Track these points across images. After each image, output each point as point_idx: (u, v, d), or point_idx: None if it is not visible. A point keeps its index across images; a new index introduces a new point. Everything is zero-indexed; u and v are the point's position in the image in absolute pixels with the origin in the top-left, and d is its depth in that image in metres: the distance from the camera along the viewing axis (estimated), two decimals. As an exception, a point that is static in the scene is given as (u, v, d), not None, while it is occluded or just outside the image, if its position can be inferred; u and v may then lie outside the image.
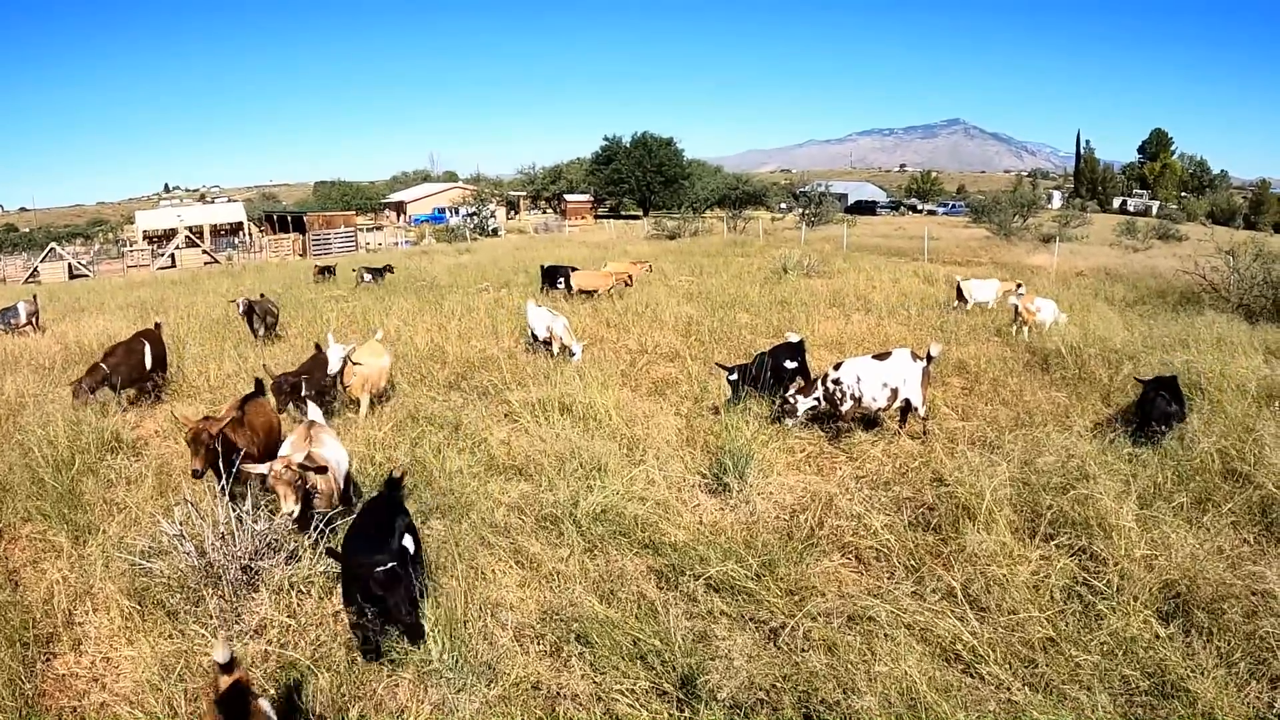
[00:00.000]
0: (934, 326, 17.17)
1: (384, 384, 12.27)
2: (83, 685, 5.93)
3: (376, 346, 12.38)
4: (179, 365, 14.39)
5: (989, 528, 7.30)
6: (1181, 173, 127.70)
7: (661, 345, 15.62)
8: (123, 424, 11.02)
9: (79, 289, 34.36)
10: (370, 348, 12.29)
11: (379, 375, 11.99)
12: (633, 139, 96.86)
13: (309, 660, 5.90)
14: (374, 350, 12.23)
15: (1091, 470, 8.06)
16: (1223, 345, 13.92)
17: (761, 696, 5.44)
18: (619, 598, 6.60)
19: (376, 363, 11.95)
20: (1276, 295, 18.17)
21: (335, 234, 58.33)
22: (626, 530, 7.71)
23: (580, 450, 9.34)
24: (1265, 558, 6.87)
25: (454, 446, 9.94)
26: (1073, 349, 13.93)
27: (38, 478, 8.95)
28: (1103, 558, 6.91)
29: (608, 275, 22.75)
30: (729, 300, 20.78)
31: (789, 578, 6.89)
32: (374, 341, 12.59)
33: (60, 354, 15.92)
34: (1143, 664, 5.60)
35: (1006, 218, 47.04)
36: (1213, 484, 8.27)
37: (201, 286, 29.89)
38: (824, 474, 9.52)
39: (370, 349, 12.25)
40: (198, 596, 6.60)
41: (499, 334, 16.75)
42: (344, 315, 19.84)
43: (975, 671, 5.62)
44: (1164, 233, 53.42)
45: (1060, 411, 11.18)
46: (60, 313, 23.30)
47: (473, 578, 6.94)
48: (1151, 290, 22.60)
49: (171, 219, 67.20)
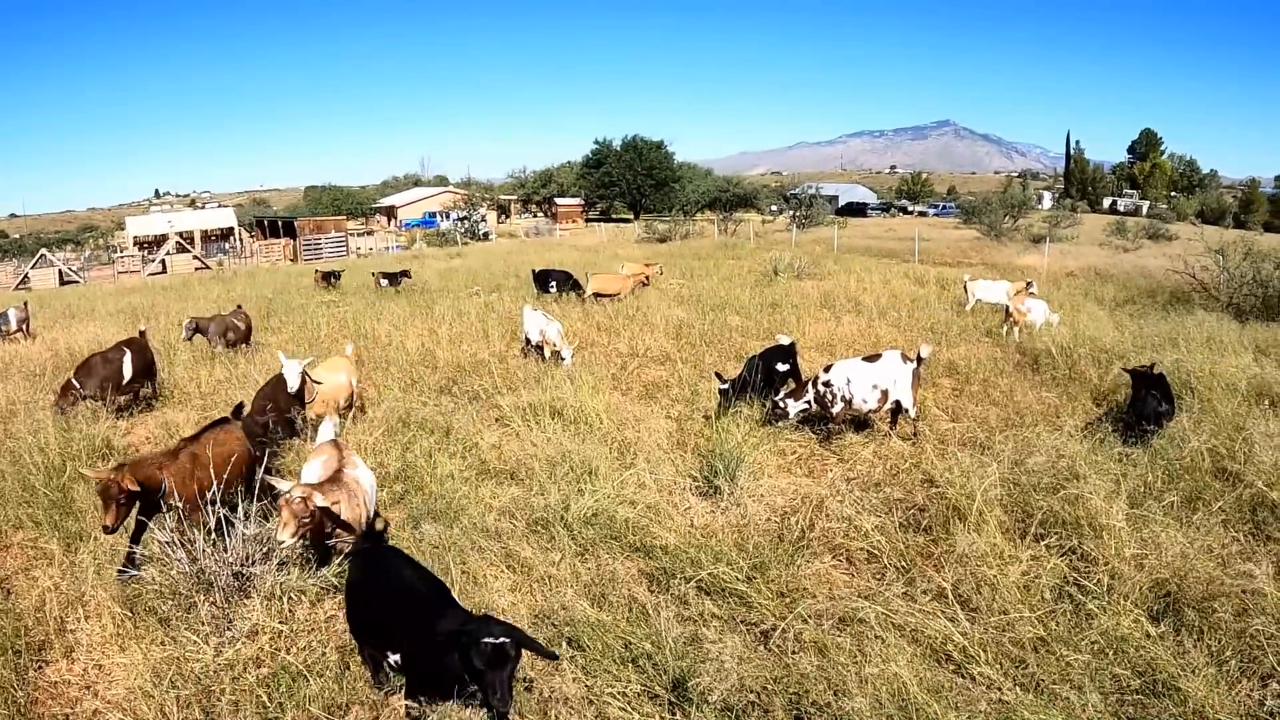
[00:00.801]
0: (924, 328, 17.20)
1: (345, 401, 11.42)
2: (75, 693, 5.91)
3: (338, 362, 11.78)
4: (170, 372, 14.36)
5: (979, 528, 7.32)
6: (1171, 172, 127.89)
7: (652, 348, 15.63)
8: (114, 431, 10.99)
9: (70, 295, 34.34)
10: (331, 363, 11.74)
11: (337, 392, 11.24)
12: (623, 142, 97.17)
13: (302, 665, 5.89)
14: (334, 366, 11.61)
15: (1082, 470, 8.08)
16: (1212, 344, 13.96)
17: (752, 699, 5.45)
18: (610, 601, 6.61)
19: (334, 379, 11.27)
20: (1266, 294, 18.25)
21: (326, 239, 58.34)
22: (617, 533, 7.72)
23: (571, 454, 9.34)
24: (1255, 556, 6.87)
25: (445, 451, 9.95)
26: (1063, 349, 13.96)
27: (29, 485, 8.92)
28: (1093, 557, 6.92)
29: (626, 278, 22.56)
30: (720, 303, 20.79)
31: (780, 580, 6.90)
32: (337, 357, 12.10)
33: (51, 361, 15.89)
34: (1133, 663, 5.61)
35: (997, 219, 47.13)
36: (1203, 483, 8.30)
37: (193, 292, 29.84)
38: (815, 476, 9.53)
39: (331, 365, 11.66)
40: (189, 603, 6.58)
41: (490, 338, 16.75)
42: (335, 320, 19.80)
43: (966, 672, 5.63)
44: (1154, 232, 53.57)
45: (1050, 411, 11.22)
46: (51, 319, 23.26)
47: (465, 582, 6.94)
48: (1141, 290, 22.67)
49: (162, 225, 66.91)
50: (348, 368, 11.70)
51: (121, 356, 12.48)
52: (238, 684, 5.77)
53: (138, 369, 12.71)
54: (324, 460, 7.47)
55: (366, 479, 7.29)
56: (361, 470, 7.34)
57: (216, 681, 5.81)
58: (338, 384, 11.26)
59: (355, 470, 7.27)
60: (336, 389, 11.22)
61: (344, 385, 11.38)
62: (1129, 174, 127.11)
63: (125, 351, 12.59)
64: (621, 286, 21.88)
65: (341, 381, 11.34)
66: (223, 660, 6.02)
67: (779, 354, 11.97)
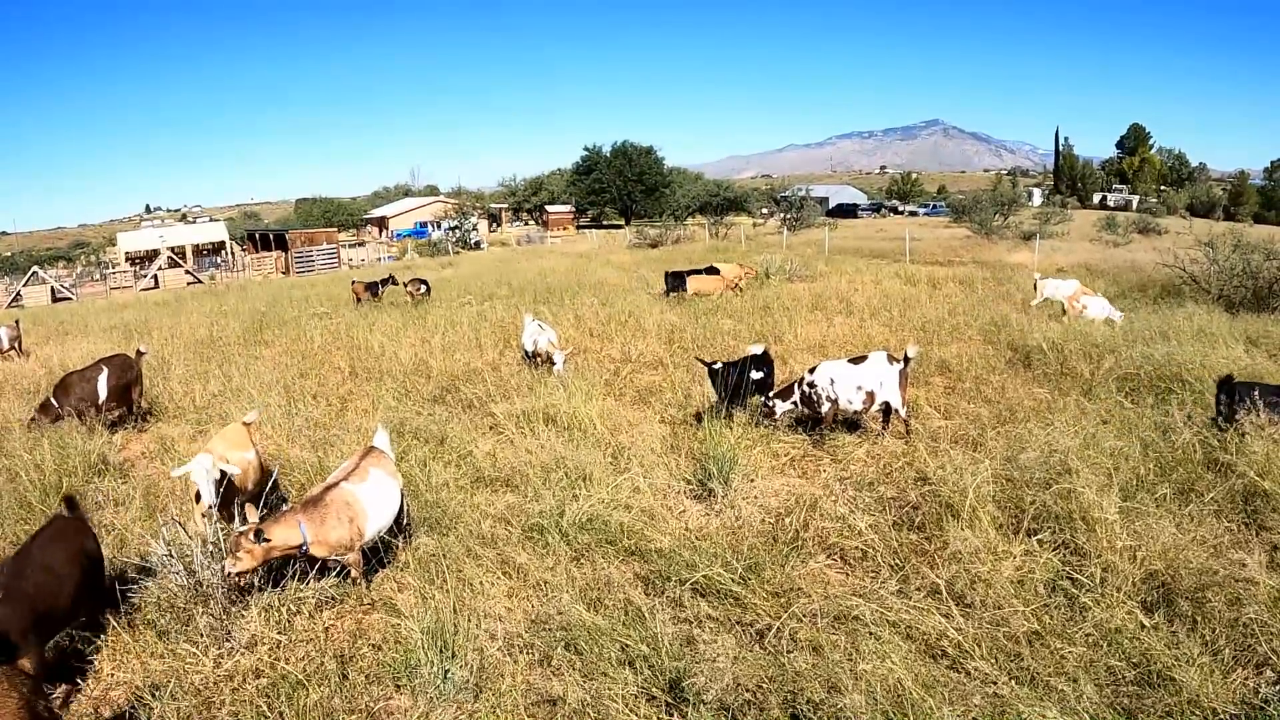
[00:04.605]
0: (916, 327, 17.23)
1: (254, 484, 8.47)
2: (74, 707, 5.92)
3: (236, 434, 8.75)
4: (164, 386, 14.36)
5: (973, 525, 7.36)
6: (1160, 166, 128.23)
7: (645, 353, 15.67)
8: (109, 446, 11.00)
9: (63, 312, 34.27)
10: (231, 436, 8.70)
11: (242, 474, 8.24)
12: (613, 148, 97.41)
13: (301, 675, 5.91)
14: (236, 439, 8.61)
15: (1074, 464, 8.11)
16: (1203, 336, 14.01)
17: (748, 698, 5.47)
18: (606, 605, 6.63)
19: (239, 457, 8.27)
20: (1256, 285, 18.28)
21: (318, 251, 58.24)
22: (612, 538, 7.74)
23: (565, 460, 9.39)
24: (1248, 546, 6.91)
25: (440, 460, 9.97)
26: (1054, 345, 14.00)
27: (25, 502, 8.94)
28: (1086, 551, 6.96)
29: (721, 279, 23.57)
30: (712, 306, 20.81)
31: (774, 580, 6.93)
32: (236, 426, 9.02)
33: (45, 378, 15.84)
34: (1128, 654, 5.64)
35: (987, 216, 47.22)
36: (1195, 474, 8.35)
37: (185, 307, 29.75)
38: (808, 476, 9.56)
39: (230, 437, 8.64)
40: (187, 615, 6.59)
41: (483, 347, 16.75)
42: (328, 332, 19.79)
43: (961, 667, 5.66)
44: (1144, 226, 53.77)
45: (1042, 407, 11.24)
46: (44, 336, 23.24)
47: (461, 589, 6.96)
48: (1132, 284, 22.75)
49: (154, 240, 66.77)
50: (250, 439, 8.85)
51: (98, 375, 12.20)
52: (237, 695, 5.79)
53: (113, 389, 12.28)
54: (344, 465, 7.55)
55: (371, 496, 7.23)
56: (367, 486, 7.28)
57: (216, 693, 5.84)
58: (243, 463, 8.32)
59: (360, 484, 7.24)
60: (243, 468, 8.29)
61: (250, 463, 8.49)
62: (1118, 169, 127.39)
63: (103, 370, 12.32)
64: (716, 287, 22.95)
65: (248, 459, 8.48)
66: (222, 671, 6.05)
67: (754, 362, 11.69)
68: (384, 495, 7.38)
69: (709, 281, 22.93)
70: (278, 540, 6.59)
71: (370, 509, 7.17)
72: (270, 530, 6.55)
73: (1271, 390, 9.29)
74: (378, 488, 7.35)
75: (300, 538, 6.69)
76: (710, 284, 22.76)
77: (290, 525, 6.70)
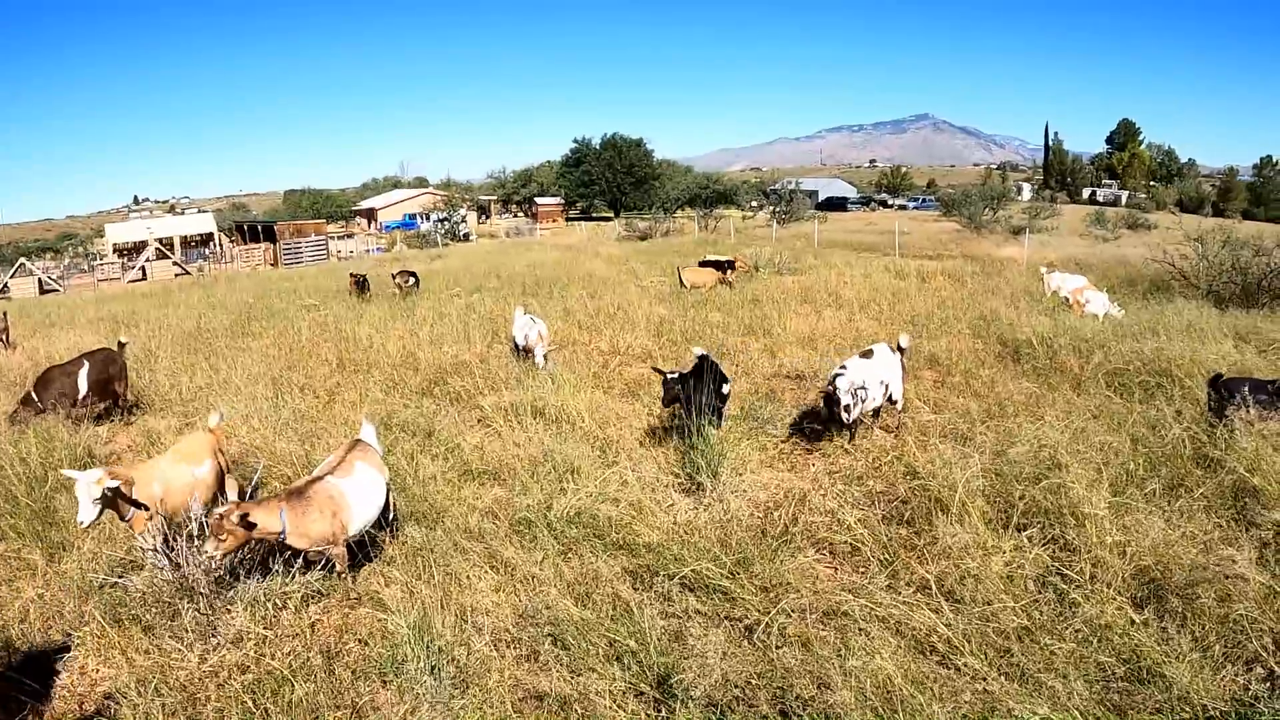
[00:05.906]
0: (905, 320, 17.20)
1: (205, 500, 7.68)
2: (59, 703, 5.89)
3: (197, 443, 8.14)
4: (150, 379, 14.27)
5: (962, 520, 7.34)
6: (1150, 162, 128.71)
7: (634, 346, 15.64)
8: (95, 439, 10.94)
9: (50, 304, 34.04)
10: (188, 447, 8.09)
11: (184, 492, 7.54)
12: (602, 141, 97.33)
13: (286, 670, 5.87)
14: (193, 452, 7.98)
15: (1063, 459, 8.11)
16: (1192, 332, 14.00)
17: (737, 693, 5.46)
18: (594, 599, 6.60)
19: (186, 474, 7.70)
20: (1245, 281, 18.30)
21: (307, 242, 58.02)
22: (600, 532, 7.71)
23: (553, 453, 9.36)
24: (1237, 541, 6.89)
25: (427, 453, 9.91)
26: (1043, 339, 14.00)
27: (10, 495, 8.85)
28: (1076, 546, 6.94)
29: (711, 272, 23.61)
30: (701, 299, 20.78)
31: (763, 575, 6.90)
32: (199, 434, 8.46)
33: (32, 370, 15.74)
34: (1118, 650, 5.64)
35: (977, 211, 47.34)
36: (1184, 469, 8.33)
37: (173, 299, 29.61)
38: (797, 470, 9.54)
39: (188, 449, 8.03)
40: (173, 610, 6.54)
41: (471, 339, 16.68)
42: (316, 324, 19.68)
43: (950, 663, 5.65)
44: (1133, 222, 53.98)
45: (1032, 402, 11.24)
46: (31, 328, 23.04)
47: (448, 584, 6.93)
48: (1121, 279, 22.71)
49: (141, 231, 66.40)
50: (211, 449, 8.12)
51: (79, 370, 12.08)
52: (223, 690, 5.76)
53: (94, 384, 12.14)
54: (328, 461, 7.52)
55: (355, 491, 7.17)
56: (352, 480, 7.23)
57: (201, 689, 5.80)
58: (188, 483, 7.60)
59: (344, 479, 7.19)
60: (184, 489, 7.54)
61: (201, 482, 7.75)
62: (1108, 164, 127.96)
63: (84, 364, 12.21)
64: (710, 279, 22.90)
65: (199, 477, 7.75)
66: (207, 667, 6.00)
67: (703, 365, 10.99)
68: (369, 490, 7.32)
69: (702, 274, 22.94)
70: (258, 523, 6.55)
71: (354, 504, 7.11)
72: (253, 512, 6.53)
73: (1260, 386, 9.30)
74: (362, 482, 7.29)
75: (279, 525, 6.64)
76: (704, 276, 22.78)
77: (271, 511, 6.66)
